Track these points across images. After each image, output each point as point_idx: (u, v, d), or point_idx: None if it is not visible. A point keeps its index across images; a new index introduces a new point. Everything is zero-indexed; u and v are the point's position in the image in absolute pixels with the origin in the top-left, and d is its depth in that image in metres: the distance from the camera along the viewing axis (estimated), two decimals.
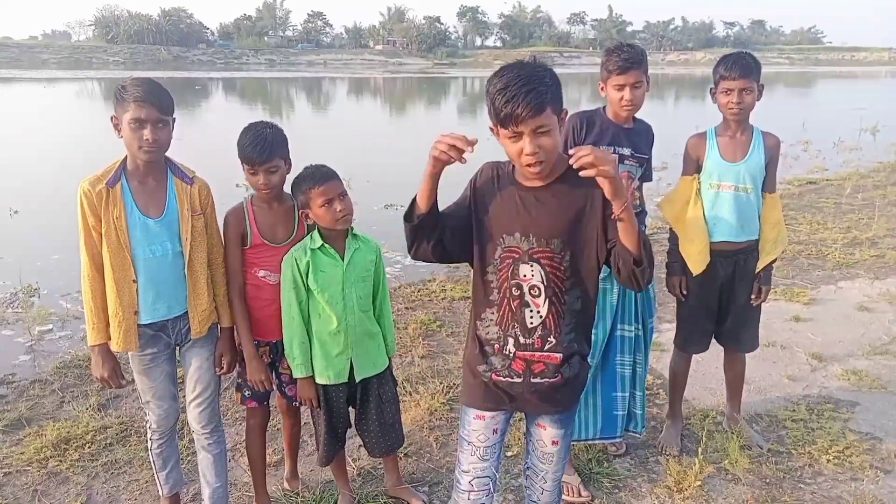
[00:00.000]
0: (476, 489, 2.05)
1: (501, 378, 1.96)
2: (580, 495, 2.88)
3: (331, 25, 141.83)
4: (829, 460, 3.07)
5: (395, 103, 33.08)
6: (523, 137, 1.73)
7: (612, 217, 1.74)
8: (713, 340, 3.22)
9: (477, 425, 2.03)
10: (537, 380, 1.94)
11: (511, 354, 1.94)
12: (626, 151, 2.84)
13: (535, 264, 1.87)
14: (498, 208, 1.90)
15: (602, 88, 2.86)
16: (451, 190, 2.03)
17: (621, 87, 2.75)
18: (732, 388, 3.35)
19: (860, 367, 4.01)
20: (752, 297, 3.05)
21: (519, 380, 1.94)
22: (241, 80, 52.93)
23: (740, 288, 3.04)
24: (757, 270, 3.02)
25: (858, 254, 6.29)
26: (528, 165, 1.77)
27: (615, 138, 2.83)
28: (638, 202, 2.91)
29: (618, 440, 3.10)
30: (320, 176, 2.41)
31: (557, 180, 1.87)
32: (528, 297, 1.89)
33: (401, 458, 3.10)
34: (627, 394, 2.97)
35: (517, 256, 1.87)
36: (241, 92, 39.57)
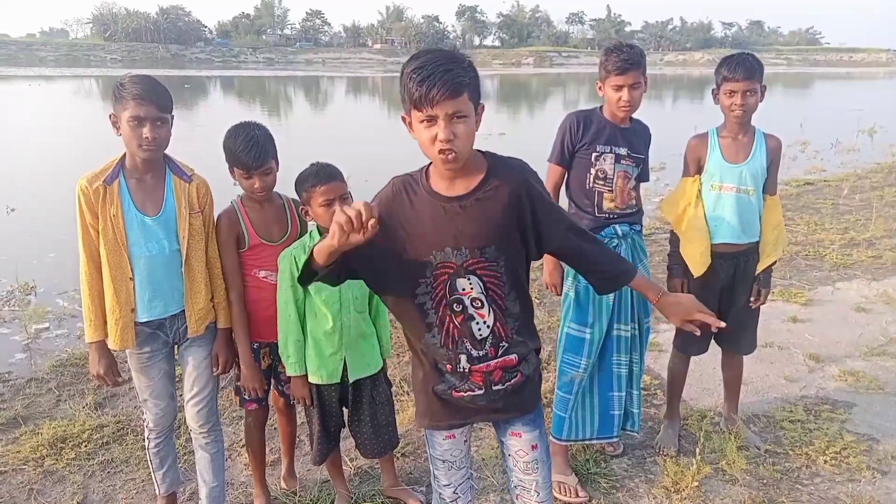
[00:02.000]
0: (461, 495, 2.06)
1: (463, 394, 1.85)
2: (577, 496, 2.88)
3: (329, 24, 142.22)
4: (826, 461, 3.07)
5: (393, 102, 33.04)
6: (438, 122, 1.60)
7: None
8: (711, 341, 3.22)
9: (448, 445, 1.98)
10: (499, 387, 1.85)
11: (466, 370, 1.82)
12: (623, 151, 2.83)
13: (472, 276, 1.76)
14: (422, 224, 1.74)
15: (600, 88, 2.85)
16: None
17: (619, 88, 2.74)
18: (730, 389, 3.35)
19: (857, 368, 4.01)
20: (752, 299, 3.05)
21: (481, 391, 1.84)
22: (239, 78, 52.87)
23: (740, 290, 3.04)
24: (757, 272, 3.02)
25: (856, 255, 6.30)
26: (441, 153, 1.63)
27: (612, 138, 2.83)
28: (634, 202, 2.91)
29: (615, 440, 3.10)
30: (325, 175, 2.40)
31: (480, 184, 1.74)
32: (471, 311, 1.78)
33: (398, 458, 3.09)
34: (624, 393, 2.96)
35: (452, 271, 1.75)
36: (240, 90, 39.52)
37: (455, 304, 1.78)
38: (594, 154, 2.82)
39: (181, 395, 2.62)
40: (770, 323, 4.62)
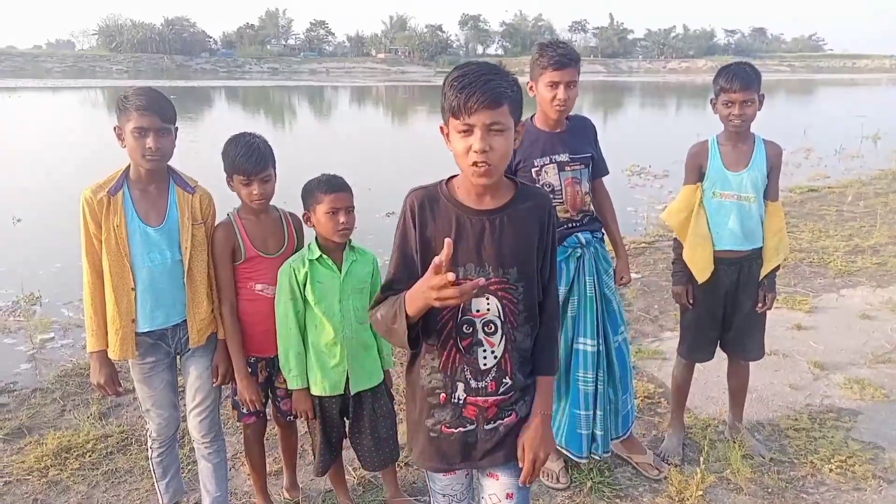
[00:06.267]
0: None
1: (453, 430, 1.75)
2: (558, 481, 2.89)
3: (333, 34, 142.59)
4: (831, 470, 3.05)
5: (397, 111, 33.16)
6: (474, 132, 1.53)
7: None
8: (716, 349, 3.21)
9: (449, 480, 1.88)
10: (491, 425, 1.75)
11: (461, 401, 1.72)
12: (564, 157, 2.71)
13: (492, 297, 1.67)
14: (443, 237, 1.56)
15: (531, 88, 2.67)
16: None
17: (555, 85, 2.58)
18: (735, 397, 3.34)
19: (862, 376, 4.00)
20: (759, 304, 3.04)
21: (472, 427, 1.74)
22: (244, 88, 53.13)
23: (745, 296, 3.03)
24: (760, 278, 3.02)
25: (860, 261, 6.28)
26: (474, 165, 1.55)
27: (548, 147, 2.69)
28: (588, 207, 2.82)
29: (583, 460, 2.96)
30: (335, 184, 2.42)
31: (510, 202, 1.68)
32: (481, 335, 1.68)
33: (400, 468, 3.09)
34: (591, 412, 2.86)
35: None
36: (244, 100, 39.70)
37: (464, 326, 1.68)
38: (534, 169, 2.69)
39: (184, 405, 2.62)
40: (774, 330, 4.61)
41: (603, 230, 2.95)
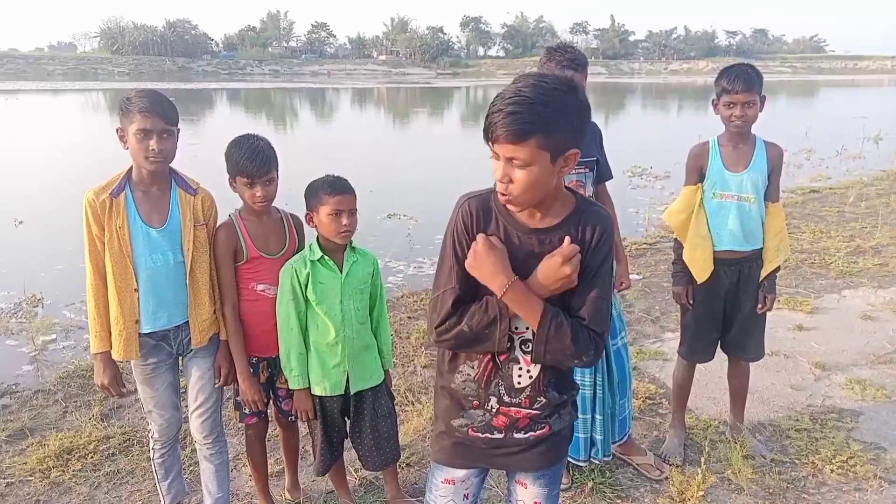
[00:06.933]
0: None
1: (480, 434, 1.73)
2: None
3: (334, 36, 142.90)
4: (832, 470, 3.05)
5: (398, 113, 33.17)
6: (500, 159, 1.50)
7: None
8: (716, 349, 3.21)
9: (445, 490, 1.82)
10: (521, 434, 1.73)
11: (493, 410, 1.71)
12: None
13: None
14: None
15: None
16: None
17: None
18: (736, 398, 3.34)
19: (864, 377, 4.00)
20: (759, 305, 3.05)
21: (500, 435, 1.72)
22: (245, 90, 53.19)
23: (745, 296, 3.04)
24: (760, 279, 3.02)
25: (862, 262, 6.28)
26: (500, 192, 1.54)
27: None
28: None
29: (583, 464, 2.98)
30: (339, 186, 2.43)
31: (564, 222, 1.61)
32: (517, 353, 1.66)
33: (402, 469, 3.09)
34: (589, 416, 2.86)
35: None
36: (246, 102, 39.74)
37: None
38: None
39: (186, 406, 2.63)
40: (776, 331, 4.61)
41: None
